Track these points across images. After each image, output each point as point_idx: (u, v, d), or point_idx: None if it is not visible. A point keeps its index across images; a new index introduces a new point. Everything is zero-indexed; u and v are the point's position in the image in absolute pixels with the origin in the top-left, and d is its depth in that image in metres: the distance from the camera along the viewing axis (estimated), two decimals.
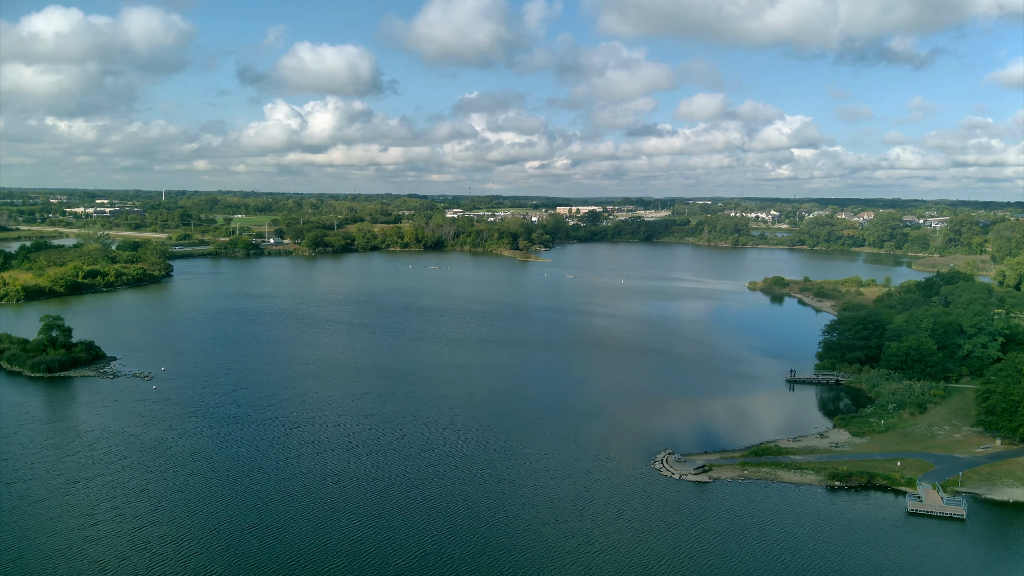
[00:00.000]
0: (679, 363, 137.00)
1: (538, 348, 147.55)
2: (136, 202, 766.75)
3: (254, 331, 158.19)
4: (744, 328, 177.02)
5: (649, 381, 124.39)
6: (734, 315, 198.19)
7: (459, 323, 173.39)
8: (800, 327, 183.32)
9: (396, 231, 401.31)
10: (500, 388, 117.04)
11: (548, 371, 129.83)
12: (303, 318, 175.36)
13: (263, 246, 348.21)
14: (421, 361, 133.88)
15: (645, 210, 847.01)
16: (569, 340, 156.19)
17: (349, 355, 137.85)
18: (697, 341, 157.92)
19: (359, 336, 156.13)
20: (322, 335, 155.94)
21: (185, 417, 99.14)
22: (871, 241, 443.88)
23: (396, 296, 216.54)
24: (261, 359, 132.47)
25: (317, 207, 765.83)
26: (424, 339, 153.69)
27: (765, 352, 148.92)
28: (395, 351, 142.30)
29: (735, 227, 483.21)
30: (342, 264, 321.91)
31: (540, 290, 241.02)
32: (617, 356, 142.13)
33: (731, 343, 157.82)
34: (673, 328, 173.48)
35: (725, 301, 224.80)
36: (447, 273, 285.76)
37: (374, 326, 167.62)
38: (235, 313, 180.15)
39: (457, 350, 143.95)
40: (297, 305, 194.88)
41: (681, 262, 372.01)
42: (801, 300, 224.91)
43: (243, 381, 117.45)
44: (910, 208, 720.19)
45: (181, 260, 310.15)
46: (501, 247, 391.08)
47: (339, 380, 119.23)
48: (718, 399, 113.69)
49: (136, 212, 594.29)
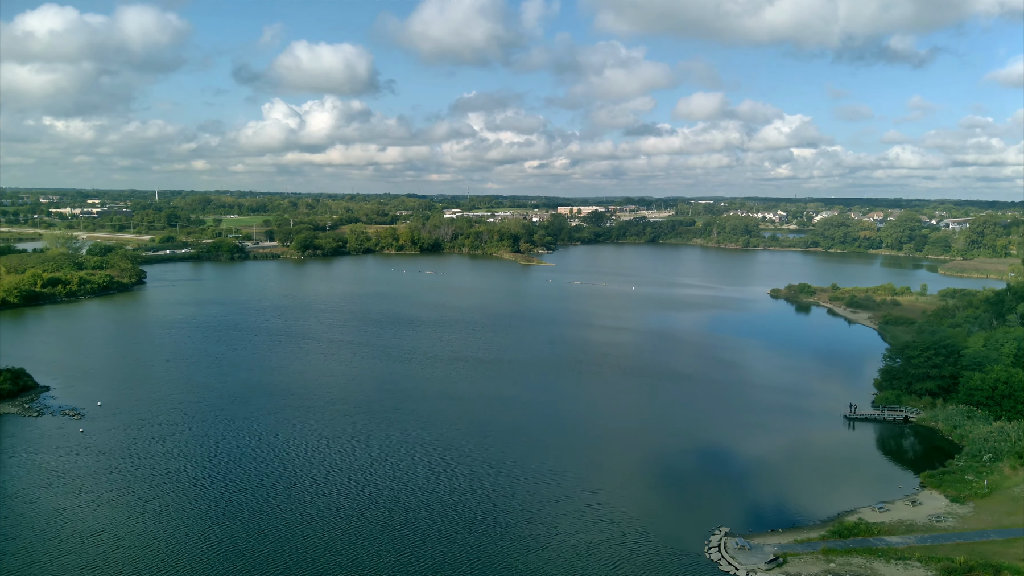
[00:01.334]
0: (712, 392, 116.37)
1: (545, 372, 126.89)
2: (128, 202, 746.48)
3: (217, 351, 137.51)
4: (776, 345, 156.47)
5: (682, 418, 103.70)
6: (762, 328, 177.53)
7: (455, 339, 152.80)
8: (839, 343, 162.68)
9: (391, 233, 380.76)
10: (500, 430, 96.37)
11: (557, 405, 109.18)
12: (277, 334, 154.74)
13: (248, 249, 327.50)
14: (407, 391, 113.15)
15: (648, 210, 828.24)
16: (580, 361, 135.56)
17: (322, 383, 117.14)
18: (728, 363, 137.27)
19: (338, 357, 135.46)
20: (295, 356, 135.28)
21: (104, 475, 78.51)
22: (889, 243, 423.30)
23: (386, 306, 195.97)
24: (217, 389, 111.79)
25: (313, 207, 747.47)
26: (413, 360, 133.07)
27: (807, 374, 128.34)
28: (378, 377, 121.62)
29: (745, 228, 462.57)
30: (332, 268, 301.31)
31: (544, 299, 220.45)
32: (639, 383, 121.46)
33: (766, 364, 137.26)
34: (698, 346, 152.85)
35: (748, 311, 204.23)
36: (443, 279, 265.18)
37: (357, 343, 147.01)
38: (201, 328, 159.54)
39: (451, 374, 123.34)
40: (274, 318, 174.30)
41: (692, 266, 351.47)
42: (832, 310, 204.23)
43: (189, 420, 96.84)
44: (915, 208, 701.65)
45: (159, 265, 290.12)
46: (501, 250, 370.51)
47: (304, 419, 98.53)
48: (770, 445, 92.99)
49: (123, 213, 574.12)
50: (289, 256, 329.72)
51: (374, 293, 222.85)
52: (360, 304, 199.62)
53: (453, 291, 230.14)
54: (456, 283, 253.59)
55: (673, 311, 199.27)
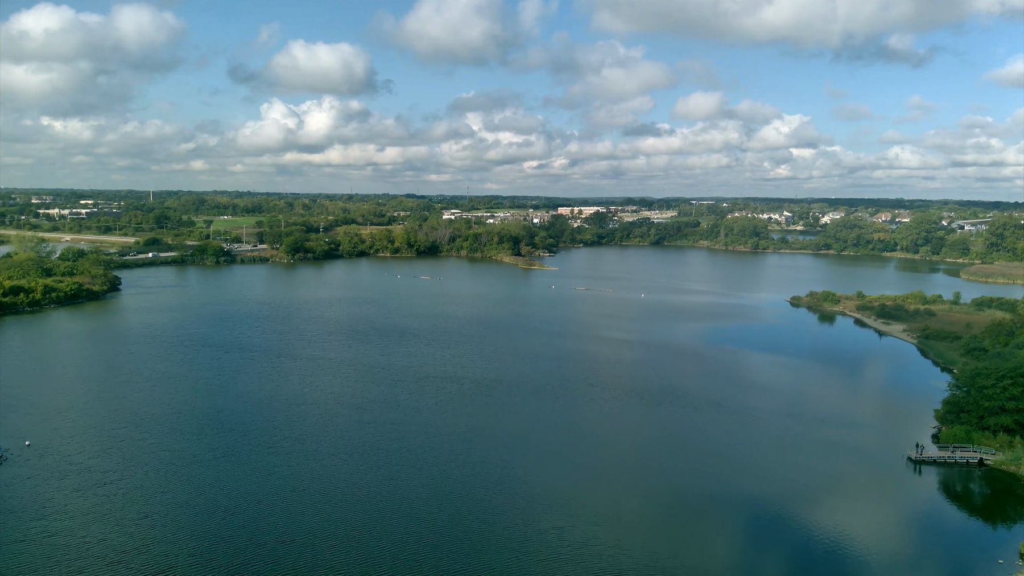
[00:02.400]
0: (747, 425, 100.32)
1: (552, 397, 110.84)
2: (121, 203, 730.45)
3: (179, 373, 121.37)
4: (807, 362, 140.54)
5: (714, 459, 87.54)
6: (787, 342, 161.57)
7: (449, 356, 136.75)
8: (876, 360, 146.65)
9: (386, 235, 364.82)
10: (498, 480, 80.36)
11: (569, 444, 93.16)
12: (251, 351, 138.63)
13: (235, 252, 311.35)
14: (391, 425, 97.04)
15: (649, 210, 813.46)
16: (591, 383, 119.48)
17: (292, 415, 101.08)
18: (758, 386, 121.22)
19: (315, 379, 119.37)
20: (266, 378, 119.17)
21: (3, 548, 62.54)
22: (904, 246, 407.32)
23: (376, 316, 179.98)
24: (168, 422, 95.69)
25: (309, 207, 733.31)
26: (401, 382, 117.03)
27: (850, 400, 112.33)
28: (359, 405, 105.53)
29: (754, 230, 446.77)
30: (322, 273, 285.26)
31: (548, 307, 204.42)
32: (660, 412, 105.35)
33: (801, 387, 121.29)
34: (721, 364, 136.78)
35: (768, 322, 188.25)
36: (440, 285, 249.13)
37: (340, 362, 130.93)
38: (167, 344, 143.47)
39: (443, 400, 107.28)
40: (251, 331, 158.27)
41: (702, 270, 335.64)
42: (860, 321, 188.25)
43: (125, 465, 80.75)
44: (919, 208, 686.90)
45: (140, 269, 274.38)
46: (501, 252, 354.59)
47: (263, 465, 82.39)
48: (827, 496, 76.91)
49: (113, 214, 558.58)
50: (278, 259, 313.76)
51: (364, 301, 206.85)
52: (348, 314, 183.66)
53: (450, 299, 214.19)
54: (453, 289, 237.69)
55: (688, 321, 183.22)
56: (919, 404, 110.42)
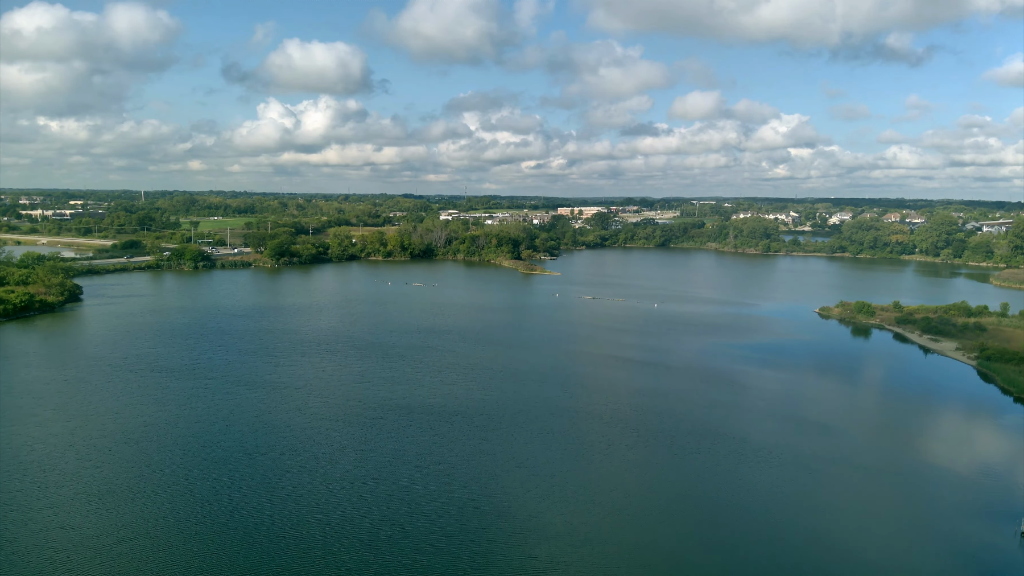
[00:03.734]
0: (806, 478, 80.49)
1: (562, 442, 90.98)
2: (111, 204, 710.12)
3: (112, 407, 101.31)
4: (857, 389, 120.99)
5: (782, 529, 67.68)
6: (827, 363, 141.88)
7: (440, 384, 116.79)
8: (932, 386, 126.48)
9: (378, 237, 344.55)
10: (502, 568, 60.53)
11: (586, 510, 73.29)
12: (206, 376, 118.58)
13: (215, 257, 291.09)
14: (360, 488, 77.18)
15: (651, 210, 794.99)
16: (610, 420, 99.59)
17: (233, 471, 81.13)
18: (808, 423, 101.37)
19: (272, 418, 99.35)
20: (212, 416, 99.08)
21: None
22: (923, 248, 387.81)
23: (359, 330, 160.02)
24: (87, 480, 75.84)
25: (303, 208, 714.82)
26: (379, 421, 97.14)
27: (920, 441, 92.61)
28: (322, 457, 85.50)
29: (764, 231, 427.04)
30: (308, 280, 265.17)
31: (552, 320, 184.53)
32: (699, 463, 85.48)
33: (859, 422, 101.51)
34: (759, 392, 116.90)
35: (800, 337, 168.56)
36: (433, 293, 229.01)
37: (307, 392, 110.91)
38: (111, 368, 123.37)
39: (428, 449, 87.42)
40: (212, 350, 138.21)
41: (714, 275, 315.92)
42: (901, 336, 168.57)
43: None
44: (921, 208, 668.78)
45: (111, 276, 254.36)
46: (500, 256, 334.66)
47: (177, 550, 62.58)
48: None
49: (98, 215, 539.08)
50: (262, 264, 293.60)
51: (348, 312, 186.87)
52: (328, 328, 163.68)
53: (443, 309, 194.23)
54: (448, 298, 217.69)
55: (712, 337, 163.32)
56: (1007, 449, 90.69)
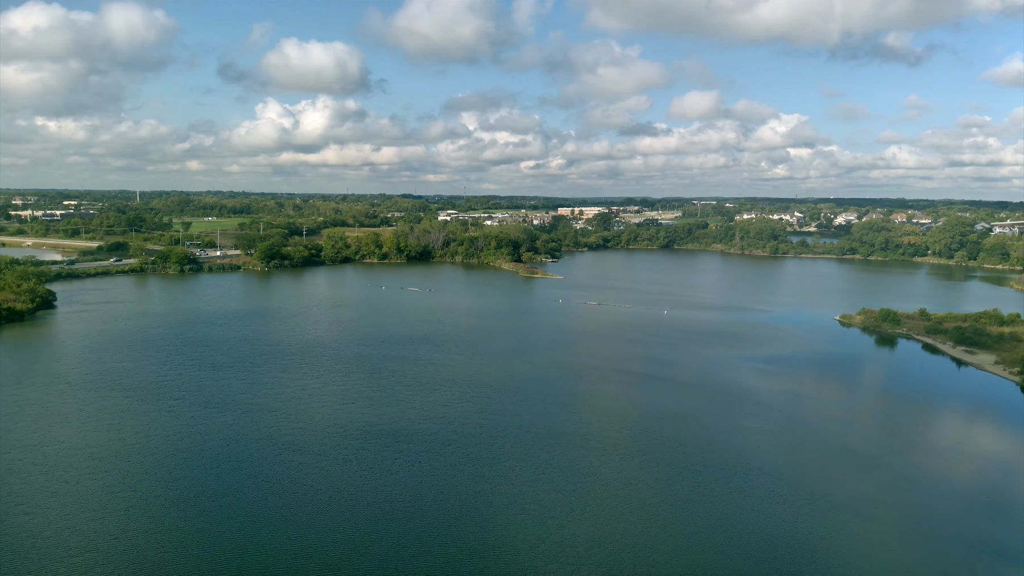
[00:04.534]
0: (859, 527, 68.50)
1: (574, 483, 78.96)
2: (103, 204, 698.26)
3: (60, 435, 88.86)
4: (898, 409, 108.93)
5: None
6: (858, 377, 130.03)
7: (431, 404, 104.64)
8: (973, 405, 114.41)
9: (374, 239, 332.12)
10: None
11: (601, 559, 61.23)
12: (173, 397, 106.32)
13: (202, 259, 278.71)
14: (326, 540, 65.01)
15: (652, 211, 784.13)
16: (628, 453, 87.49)
17: (185, 523, 68.98)
18: (850, 453, 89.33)
19: (239, 449, 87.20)
20: (175, 445, 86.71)
21: None
22: (936, 250, 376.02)
23: (347, 340, 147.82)
24: (11, 531, 63.69)
25: (300, 208, 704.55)
26: (364, 454, 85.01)
27: (974, 468, 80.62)
28: (296, 504, 73.37)
29: (772, 233, 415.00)
30: (298, 284, 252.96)
31: (556, 328, 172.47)
32: (737, 506, 73.39)
33: (908, 452, 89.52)
34: (791, 415, 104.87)
35: (823, 348, 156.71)
36: (430, 298, 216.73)
37: (282, 415, 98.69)
38: (68, 385, 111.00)
39: (417, 492, 75.24)
40: (184, 364, 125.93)
41: (723, 279, 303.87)
42: (930, 346, 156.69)
43: None
44: (925, 209, 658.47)
45: (92, 280, 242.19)
46: (500, 258, 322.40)
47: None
48: None
49: (89, 216, 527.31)
50: (251, 267, 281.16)
51: (338, 321, 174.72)
52: (313, 339, 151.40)
53: (440, 316, 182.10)
54: (445, 304, 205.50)
55: (730, 348, 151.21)
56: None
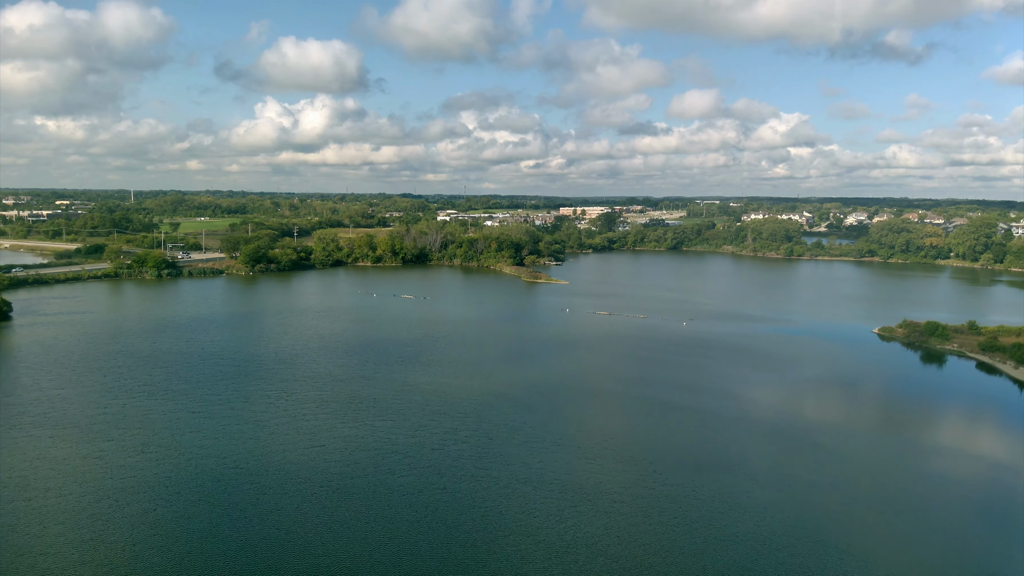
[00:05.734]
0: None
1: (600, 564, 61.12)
2: (97, 203, 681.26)
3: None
4: (976, 446, 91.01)
5: None
6: (917, 407, 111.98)
7: (419, 447, 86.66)
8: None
9: (367, 241, 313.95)
10: None
11: None
12: (106, 435, 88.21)
13: (182, 264, 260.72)
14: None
15: (656, 210, 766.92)
16: (669, 522, 69.59)
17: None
18: (929, 518, 71.55)
19: (162, 531, 69.29)
20: (68, 528, 69.08)
21: None
22: (960, 252, 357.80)
23: (325, 360, 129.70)
24: None
25: (297, 208, 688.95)
26: (332, 527, 67.10)
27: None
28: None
29: (786, 234, 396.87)
30: (284, 290, 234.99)
31: (565, 343, 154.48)
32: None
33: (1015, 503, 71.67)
34: (841, 456, 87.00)
35: (863, 366, 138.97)
36: (424, 308, 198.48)
37: (230, 464, 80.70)
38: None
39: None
40: (133, 391, 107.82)
41: (740, 284, 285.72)
42: (987, 365, 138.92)
43: None
44: (937, 209, 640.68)
45: (62, 286, 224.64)
46: (501, 262, 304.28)
47: None
48: None
49: (77, 216, 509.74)
50: (235, 271, 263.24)
51: (319, 335, 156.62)
52: (290, 356, 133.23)
53: (433, 329, 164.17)
54: (440, 314, 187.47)
55: (761, 368, 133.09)
56: None
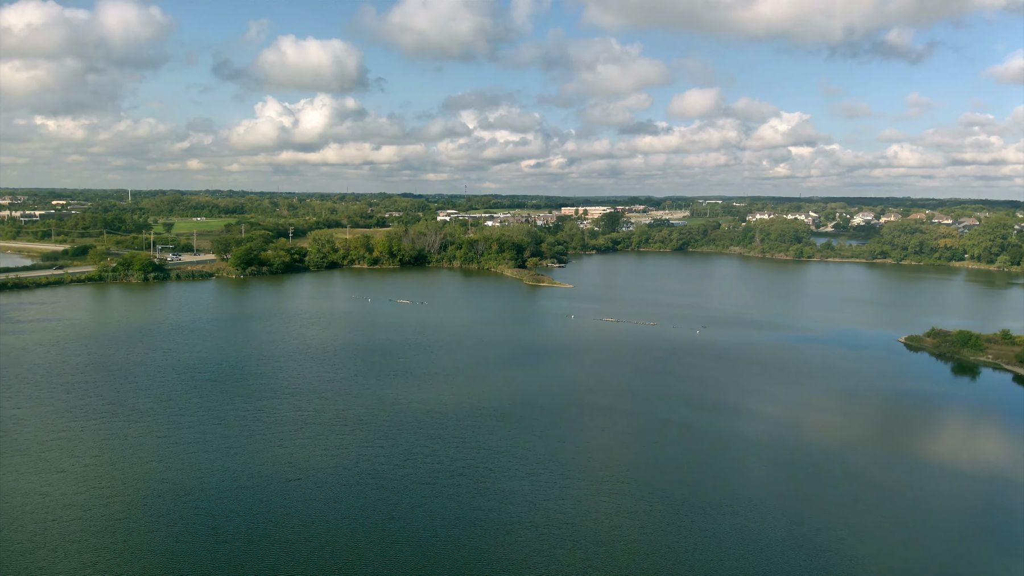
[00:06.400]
0: None
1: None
2: (93, 203, 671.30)
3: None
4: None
5: None
6: (966, 426, 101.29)
7: (403, 492, 76.06)
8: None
9: (364, 242, 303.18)
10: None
11: None
12: (31, 466, 77.79)
13: (169, 267, 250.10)
14: None
15: (658, 210, 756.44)
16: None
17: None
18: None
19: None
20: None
21: None
22: (975, 254, 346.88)
23: (304, 375, 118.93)
24: None
25: (295, 208, 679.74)
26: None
27: None
28: None
29: (795, 235, 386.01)
30: (275, 294, 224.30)
31: (570, 353, 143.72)
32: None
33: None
34: (899, 492, 76.33)
35: (897, 380, 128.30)
36: (421, 313, 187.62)
37: (191, 502, 70.14)
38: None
39: None
40: (93, 415, 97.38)
41: (751, 287, 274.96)
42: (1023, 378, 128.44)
43: None
44: (944, 208, 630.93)
45: (43, 291, 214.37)
46: (502, 264, 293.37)
47: None
48: None
49: (68, 216, 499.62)
50: (226, 274, 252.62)
51: (304, 345, 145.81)
52: (268, 369, 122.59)
53: (430, 337, 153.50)
54: (437, 320, 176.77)
55: (785, 381, 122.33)
56: None
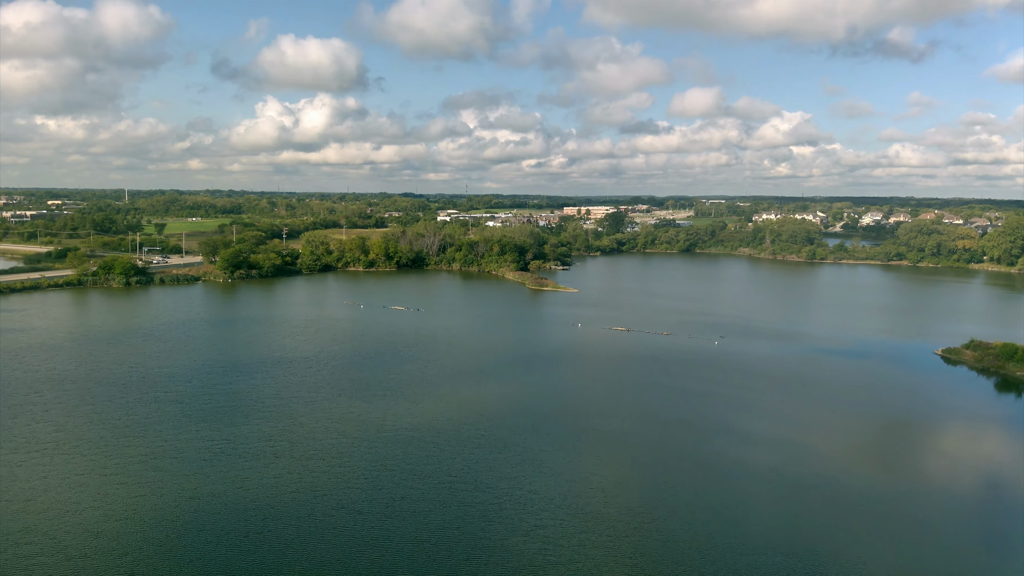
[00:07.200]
0: None
1: None
2: (89, 203, 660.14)
3: None
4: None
5: None
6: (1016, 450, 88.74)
7: (390, 549, 63.69)
8: None
9: (359, 244, 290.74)
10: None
11: None
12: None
13: (153, 270, 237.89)
14: None
15: (661, 209, 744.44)
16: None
17: None
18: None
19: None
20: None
21: None
22: (995, 256, 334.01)
23: (284, 394, 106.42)
24: None
25: (294, 208, 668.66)
26: None
27: None
28: None
29: (807, 236, 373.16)
30: (263, 299, 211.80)
31: (579, 368, 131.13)
32: None
33: None
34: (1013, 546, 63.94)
35: (941, 399, 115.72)
36: (417, 321, 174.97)
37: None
38: None
39: None
40: (16, 446, 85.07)
41: (767, 292, 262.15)
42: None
43: None
44: (949, 208, 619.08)
45: (19, 296, 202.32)
46: (503, 266, 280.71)
47: None
48: None
49: (58, 216, 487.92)
50: (213, 278, 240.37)
51: (284, 358, 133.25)
52: (234, 389, 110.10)
53: (424, 348, 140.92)
54: (434, 329, 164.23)
55: (818, 401, 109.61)
56: None
